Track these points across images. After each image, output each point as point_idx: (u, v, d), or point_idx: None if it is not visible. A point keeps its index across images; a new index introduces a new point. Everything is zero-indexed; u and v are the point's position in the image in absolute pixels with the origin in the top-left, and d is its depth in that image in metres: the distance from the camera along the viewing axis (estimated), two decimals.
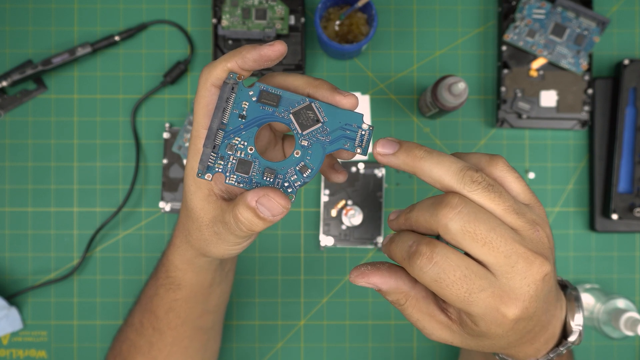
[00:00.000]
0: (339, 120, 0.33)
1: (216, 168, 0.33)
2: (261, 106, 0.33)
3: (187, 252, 0.41)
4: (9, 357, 0.71)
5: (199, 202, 0.35)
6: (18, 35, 0.72)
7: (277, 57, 0.33)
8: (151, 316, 0.46)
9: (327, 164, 0.37)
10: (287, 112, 0.33)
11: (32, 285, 0.71)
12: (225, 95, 0.32)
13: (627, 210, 0.68)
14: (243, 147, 0.33)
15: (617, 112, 0.69)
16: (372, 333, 0.72)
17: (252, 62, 0.33)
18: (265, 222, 0.32)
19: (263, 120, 0.33)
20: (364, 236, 0.71)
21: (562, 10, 0.69)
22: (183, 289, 0.44)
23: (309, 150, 0.33)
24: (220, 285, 0.46)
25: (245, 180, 0.33)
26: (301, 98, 0.33)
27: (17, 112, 0.72)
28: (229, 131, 0.33)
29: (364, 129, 0.33)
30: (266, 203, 0.31)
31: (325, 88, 0.33)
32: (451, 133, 0.72)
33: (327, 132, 0.33)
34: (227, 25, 0.67)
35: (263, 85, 0.33)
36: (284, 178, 0.33)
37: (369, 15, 0.65)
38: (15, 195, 0.71)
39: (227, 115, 0.33)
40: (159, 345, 0.47)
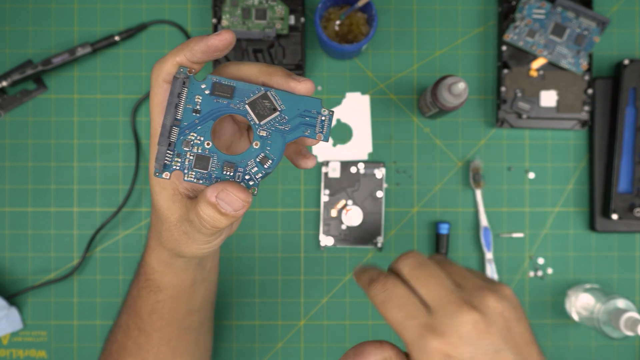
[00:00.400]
0: (297, 107, 0.32)
1: (173, 166, 0.32)
2: (215, 99, 0.32)
3: (162, 254, 0.40)
4: (9, 357, 0.71)
5: (165, 203, 0.35)
6: (18, 35, 0.72)
7: (225, 46, 0.32)
8: (136, 318, 0.46)
9: (293, 151, 0.36)
10: (242, 103, 0.32)
11: (32, 285, 0.71)
12: (177, 91, 0.31)
13: (627, 210, 0.68)
14: (200, 142, 0.32)
15: (617, 112, 0.69)
16: (372, 333, 0.72)
17: (200, 54, 0.32)
18: (227, 217, 0.32)
19: (218, 114, 0.32)
20: (364, 236, 0.71)
21: (562, 10, 0.69)
22: (164, 291, 0.43)
23: (269, 141, 0.32)
24: (203, 284, 0.45)
25: (204, 176, 0.32)
26: (256, 87, 0.32)
27: (17, 112, 0.72)
28: (184, 127, 0.32)
29: (323, 115, 0.32)
30: (225, 198, 0.31)
31: (279, 75, 0.32)
32: (451, 133, 0.72)
33: (286, 120, 0.32)
34: (227, 25, 0.67)
35: (215, 77, 0.32)
36: (245, 171, 0.32)
37: (369, 15, 0.65)
38: (15, 195, 0.71)
39: (181, 110, 0.32)
40: (146, 346, 0.46)
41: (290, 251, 0.72)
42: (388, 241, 0.72)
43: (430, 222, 0.72)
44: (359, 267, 0.36)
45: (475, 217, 0.72)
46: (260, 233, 0.72)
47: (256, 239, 0.72)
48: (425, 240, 0.72)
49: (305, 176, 0.72)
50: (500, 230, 0.72)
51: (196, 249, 0.37)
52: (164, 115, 0.32)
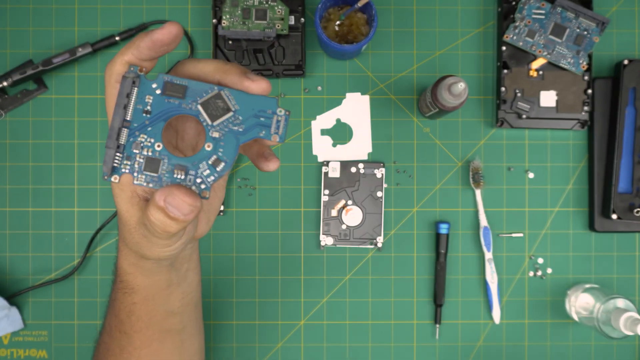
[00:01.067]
0: (251, 108, 0.31)
1: (123, 169, 0.31)
2: (166, 99, 0.31)
3: (129, 256, 0.39)
4: (9, 357, 0.71)
5: (124, 205, 0.34)
6: (19, 35, 0.72)
7: (171, 39, 0.31)
8: (116, 320, 0.45)
9: (255, 153, 0.35)
10: (194, 103, 0.31)
11: (33, 285, 0.71)
12: (125, 91, 0.30)
13: (626, 210, 0.68)
14: (150, 145, 0.31)
15: (616, 112, 0.69)
16: (372, 333, 0.72)
17: (147, 51, 0.31)
18: (177, 221, 0.30)
19: (169, 114, 0.31)
20: (364, 236, 0.71)
21: (561, 11, 0.69)
22: (138, 292, 0.42)
23: (222, 142, 0.31)
24: (180, 287, 0.44)
25: (154, 180, 0.31)
26: (209, 87, 0.31)
27: (18, 112, 0.72)
28: (134, 128, 0.31)
29: (279, 115, 0.31)
30: (173, 202, 0.30)
31: (234, 73, 0.31)
32: (451, 133, 0.72)
33: (240, 121, 0.31)
34: (227, 26, 0.67)
35: (167, 76, 0.31)
36: (197, 174, 0.31)
37: (369, 16, 0.65)
38: (15, 195, 0.72)
39: (130, 111, 0.30)
40: (128, 348, 0.45)
41: (290, 251, 0.72)
42: (388, 241, 0.72)
43: (430, 222, 0.72)
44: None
45: (475, 217, 0.72)
46: (260, 233, 0.72)
47: (256, 239, 0.72)
48: (425, 240, 0.72)
49: (305, 176, 0.72)
50: (500, 230, 0.72)
51: (158, 252, 0.35)
52: (113, 116, 0.30)
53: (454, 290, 0.72)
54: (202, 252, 0.72)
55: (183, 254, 0.42)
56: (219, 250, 0.72)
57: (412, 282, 0.72)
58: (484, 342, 0.72)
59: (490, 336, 0.72)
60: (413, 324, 0.72)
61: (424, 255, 0.72)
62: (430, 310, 0.72)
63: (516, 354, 0.72)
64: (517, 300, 0.72)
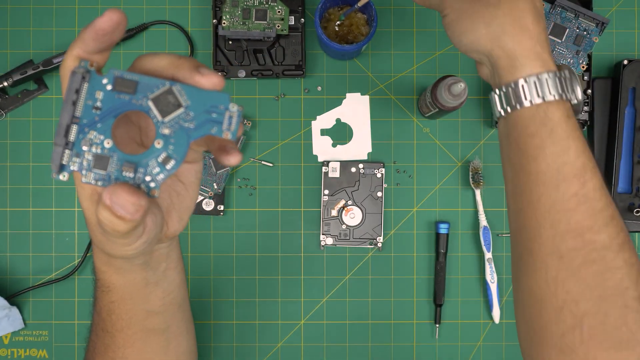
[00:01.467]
0: (203, 103, 0.30)
1: (71, 166, 0.30)
2: (117, 94, 0.30)
3: (100, 254, 0.39)
4: (10, 357, 0.71)
5: (85, 203, 0.33)
6: (19, 35, 0.72)
7: (112, 27, 0.30)
8: (98, 318, 0.44)
9: (217, 147, 0.34)
10: (145, 99, 0.30)
11: (33, 284, 0.71)
12: (74, 86, 0.29)
13: (626, 210, 0.68)
14: (99, 142, 0.30)
15: (616, 112, 0.69)
16: (372, 333, 0.72)
17: (92, 42, 0.30)
18: (125, 221, 0.30)
19: (119, 110, 0.30)
20: (364, 236, 0.71)
21: (561, 11, 0.69)
22: (114, 291, 0.41)
23: (172, 139, 0.30)
24: (159, 286, 0.43)
25: (103, 178, 0.30)
26: (160, 82, 0.30)
27: (18, 112, 0.72)
28: (83, 124, 0.30)
29: (231, 110, 0.30)
30: (117, 201, 0.29)
31: (186, 67, 0.30)
32: (451, 133, 0.72)
33: (191, 117, 0.30)
34: (227, 26, 0.67)
35: (118, 71, 0.30)
36: (146, 172, 0.30)
37: (369, 16, 0.66)
38: (16, 195, 0.72)
39: (80, 107, 0.30)
40: (112, 347, 0.45)
41: (290, 251, 0.72)
42: (388, 241, 0.72)
43: (429, 221, 0.72)
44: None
45: (475, 217, 0.72)
46: (260, 233, 0.72)
47: (256, 239, 0.72)
48: (424, 240, 0.72)
49: (305, 176, 0.72)
50: (499, 230, 0.72)
51: (120, 250, 0.35)
52: (61, 112, 0.30)
53: (453, 290, 0.72)
54: (202, 252, 0.72)
55: (159, 253, 0.41)
56: (219, 250, 0.72)
57: (412, 282, 0.72)
58: (484, 341, 0.72)
59: (490, 336, 0.72)
60: (413, 323, 0.72)
61: (424, 255, 0.72)
62: (430, 310, 0.72)
63: (516, 354, 0.72)
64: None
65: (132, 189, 0.29)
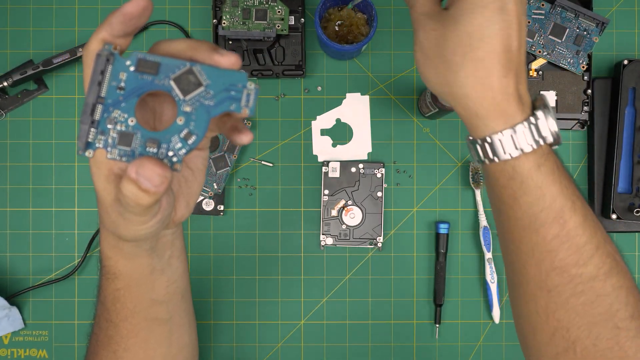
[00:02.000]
0: (222, 82, 0.32)
1: (97, 144, 0.32)
2: (140, 75, 0.31)
3: (109, 238, 0.40)
4: (10, 357, 0.71)
5: (101, 184, 0.35)
6: (19, 35, 0.72)
7: (140, 11, 0.32)
8: (102, 308, 0.45)
9: (229, 127, 0.36)
10: (167, 79, 0.31)
11: (33, 284, 0.71)
12: (99, 68, 0.31)
13: (626, 210, 0.68)
14: (123, 120, 0.32)
15: (616, 112, 0.69)
16: (372, 333, 0.72)
17: (119, 25, 0.32)
18: (149, 194, 0.31)
19: (142, 90, 0.32)
20: (364, 236, 0.71)
21: (561, 11, 0.69)
22: (120, 278, 0.42)
23: (193, 116, 0.32)
24: (164, 274, 0.44)
25: (127, 154, 0.32)
26: (181, 62, 0.31)
27: (18, 112, 0.72)
28: (108, 104, 0.31)
29: (249, 88, 0.32)
30: (144, 173, 0.30)
31: (204, 49, 0.32)
32: (451, 133, 0.72)
33: (211, 95, 0.32)
34: (227, 26, 0.67)
35: (140, 54, 0.31)
36: (168, 147, 0.32)
37: (369, 16, 0.66)
38: (16, 195, 0.72)
39: (105, 88, 0.31)
40: (115, 337, 0.45)
41: (290, 251, 0.72)
42: (388, 241, 0.72)
43: (429, 221, 0.72)
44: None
45: (475, 217, 0.72)
46: (260, 233, 0.72)
47: (256, 239, 0.72)
48: (424, 240, 0.72)
49: (305, 176, 0.72)
50: None
51: (133, 230, 0.36)
52: (87, 92, 0.31)
53: (453, 290, 0.72)
54: (202, 252, 0.72)
55: (164, 240, 0.42)
56: (219, 250, 0.72)
57: (412, 282, 0.72)
58: (484, 341, 0.72)
59: (490, 336, 0.72)
60: (413, 323, 0.72)
61: (424, 255, 0.72)
62: (430, 310, 0.72)
63: (516, 354, 0.72)
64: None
65: (159, 161, 0.31)
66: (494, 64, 0.37)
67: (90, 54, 0.32)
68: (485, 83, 0.37)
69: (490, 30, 0.36)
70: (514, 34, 0.37)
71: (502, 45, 0.37)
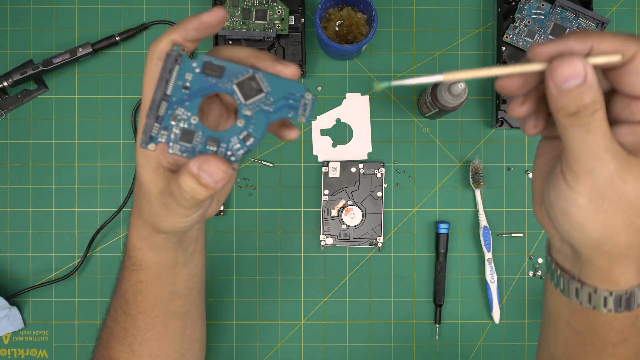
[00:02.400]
0: (282, 90, 0.33)
1: (159, 138, 0.33)
2: (205, 77, 0.33)
3: (142, 229, 0.41)
4: (10, 357, 0.71)
5: (148, 175, 0.36)
6: (19, 35, 0.72)
7: (217, 22, 0.33)
8: (122, 301, 0.46)
9: (278, 124, 0.38)
10: (230, 83, 0.33)
11: (33, 284, 0.71)
12: (168, 67, 0.33)
13: None
14: (187, 118, 0.33)
15: None
16: (372, 333, 0.72)
17: (193, 32, 0.33)
18: (207, 188, 0.33)
19: (206, 91, 0.33)
20: (364, 236, 0.71)
21: (561, 11, 0.69)
22: (145, 269, 0.44)
23: (252, 120, 0.33)
24: (186, 267, 0.46)
25: (188, 150, 0.33)
26: (244, 69, 0.33)
27: (18, 112, 0.72)
28: (173, 102, 0.33)
29: (307, 98, 0.33)
30: (208, 169, 0.32)
31: (267, 59, 0.34)
32: (451, 133, 0.72)
33: (271, 101, 0.33)
34: (227, 26, 0.67)
35: (207, 57, 0.33)
36: (227, 147, 0.34)
37: (369, 16, 0.66)
38: (16, 195, 0.72)
39: (171, 86, 0.33)
40: (132, 331, 0.46)
41: (290, 251, 0.72)
42: (388, 241, 0.72)
43: (429, 221, 0.72)
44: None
45: (475, 217, 0.72)
46: (260, 233, 0.72)
47: (256, 239, 0.72)
48: (425, 240, 0.72)
49: (305, 176, 0.72)
50: (499, 230, 0.72)
51: (175, 222, 0.38)
52: (155, 89, 0.33)
53: (453, 290, 0.72)
54: None
55: (190, 234, 0.44)
56: (219, 250, 0.72)
57: (412, 282, 0.72)
58: (484, 341, 0.72)
59: (490, 336, 0.72)
60: (413, 323, 0.72)
61: (424, 255, 0.72)
62: (430, 310, 0.72)
63: (516, 354, 0.72)
64: (517, 300, 0.72)
65: (222, 158, 0.33)
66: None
67: (159, 53, 0.34)
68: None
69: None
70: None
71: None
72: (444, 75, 0.30)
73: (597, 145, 0.29)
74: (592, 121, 0.29)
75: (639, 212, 0.31)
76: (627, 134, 0.31)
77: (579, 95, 0.28)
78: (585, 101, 0.28)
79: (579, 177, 0.30)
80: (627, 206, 0.30)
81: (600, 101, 0.29)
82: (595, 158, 0.29)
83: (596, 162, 0.29)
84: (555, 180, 0.32)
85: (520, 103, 0.34)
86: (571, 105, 0.28)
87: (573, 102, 0.28)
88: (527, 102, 0.33)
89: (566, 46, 0.29)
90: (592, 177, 0.30)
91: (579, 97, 0.28)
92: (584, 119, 0.29)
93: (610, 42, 0.29)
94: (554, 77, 0.28)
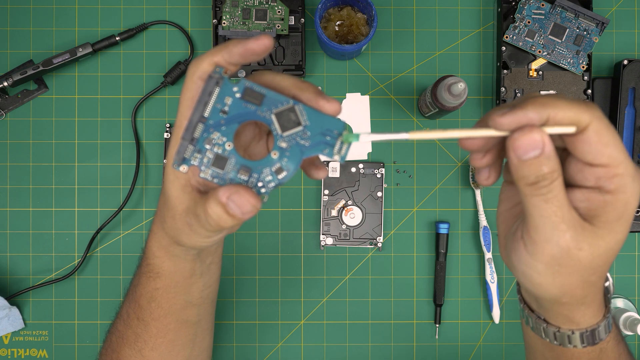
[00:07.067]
0: (320, 125, 0.32)
1: (192, 161, 0.33)
2: (244, 103, 0.32)
3: (162, 239, 0.41)
4: (10, 357, 0.71)
5: (175, 192, 0.36)
6: (19, 35, 0.72)
7: (263, 50, 0.33)
8: (135, 306, 0.46)
9: (308, 161, 0.37)
10: (269, 112, 0.32)
11: (33, 284, 0.71)
12: (209, 89, 0.32)
13: None
14: (221, 143, 0.32)
15: (616, 113, 0.69)
16: (372, 333, 0.72)
17: (238, 56, 0.33)
18: (233, 219, 0.32)
19: (244, 118, 0.32)
20: (364, 236, 0.71)
21: (561, 11, 0.69)
22: (162, 278, 0.44)
23: (287, 153, 0.32)
24: (202, 278, 0.46)
25: (219, 176, 0.33)
26: (285, 99, 0.32)
27: (19, 112, 0.72)
28: (209, 125, 0.32)
29: (345, 138, 0.32)
30: (237, 200, 0.32)
31: (310, 91, 0.33)
32: None
33: (307, 136, 0.32)
34: (227, 26, 0.67)
35: (248, 82, 0.32)
36: (259, 178, 0.33)
37: (369, 16, 0.66)
38: (16, 195, 0.72)
39: (209, 109, 0.32)
40: (144, 336, 0.47)
41: (290, 251, 0.72)
42: (388, 241, 0.72)
43: (429, 221, 0.72)
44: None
45: (475, 217, 0.72)
46: (260, 233, 0.72)
47: (256, 239, 0.72)
48: (425, 240, 0.72)
49: (305, 176, 0.72)
50: None
51: (195, 240, 0.37)
52: (193, 110, 0.32)
53: (453, 290, 0.72)
54: None
55: (210, 248, 0.44)
56: None
57: (412, 282, 0.72)
58: (484, 341, 0.72)
59: (490, 336, 0.72)
60: (413, 323, 0.72)
61: (424, 255, 0.72)
62: (430, 310, 0.72)
63: (516, 354, 0.72)
64: (517, 300, 0.72)
65: (254, 192, 0.32)
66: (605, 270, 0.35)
67: (200, 72, 0.33)
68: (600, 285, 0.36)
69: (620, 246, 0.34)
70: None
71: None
72: (410, 134, 0.32)
73: (555, 216, 0.31)
74: (550, 191, 0.31)
75: (592, 272, 0.33)
76: (581, 200, 0.32)
77: (537, 165, 0.30)
78: (544, 171, 0.30)
79: (537, 245, 0.32)
80: (581, 269, 0.32)
81: (558, 170, 0.31)
82: (553, 228, 0.31)
83: (554, 232, 0.31)
84: (516, 244, 0.34)
85: (481, 157, 0.37)
86: (531, 175, 0.30)
87: (533, 172, 0.30)
88: (488, 156, 0.37)
89: (525, 117, 0.30)
90: (550, 246, 0.32)
91: (538, 167, 0.30)
92: (543, 189, 0.31)
93: (565, 113, 0.30)
94: (515, 148, 0.30)
